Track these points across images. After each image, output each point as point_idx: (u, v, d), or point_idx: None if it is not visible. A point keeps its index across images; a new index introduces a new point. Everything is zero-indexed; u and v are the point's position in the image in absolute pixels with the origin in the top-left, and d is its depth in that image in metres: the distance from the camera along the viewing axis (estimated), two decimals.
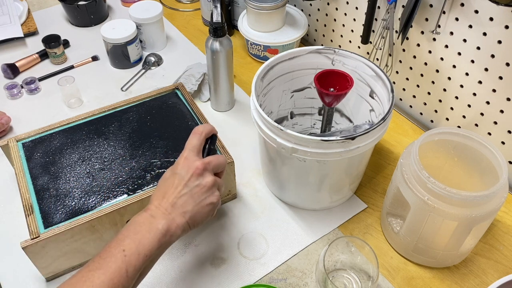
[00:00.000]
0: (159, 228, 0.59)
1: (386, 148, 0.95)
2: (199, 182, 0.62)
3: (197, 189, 0.62)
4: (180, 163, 0.64)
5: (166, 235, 0.59)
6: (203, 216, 0.63)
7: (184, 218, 0.61)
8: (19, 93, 1.06)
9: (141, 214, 0.61)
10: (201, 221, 0.63)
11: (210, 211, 0.64)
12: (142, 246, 0.57)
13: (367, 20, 0.95)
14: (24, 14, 1.27)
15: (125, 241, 0.57)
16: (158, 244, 0.58)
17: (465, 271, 0.75)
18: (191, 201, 0.62)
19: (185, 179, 0.62)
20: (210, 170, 0.64)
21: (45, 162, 0.78)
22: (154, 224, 0.59)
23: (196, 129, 0.67)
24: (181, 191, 0.62)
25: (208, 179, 0.63)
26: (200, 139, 0.66)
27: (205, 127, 0.68)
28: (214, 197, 0.64)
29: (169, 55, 1.18)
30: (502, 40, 0.76)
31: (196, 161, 0.63)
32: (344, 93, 0.74)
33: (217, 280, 0.74)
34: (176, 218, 0.60)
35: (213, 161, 0.65)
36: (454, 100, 0.91)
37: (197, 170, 0.62)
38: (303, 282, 0.74)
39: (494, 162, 0.68)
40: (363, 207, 0.84)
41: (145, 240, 0.57)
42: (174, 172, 0.64)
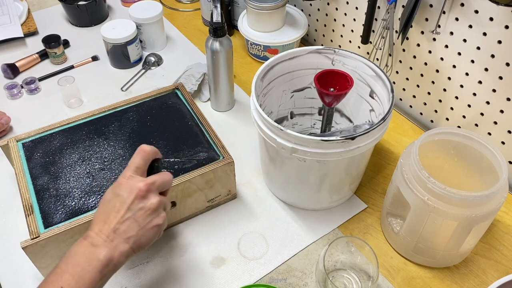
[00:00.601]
0: (101, 259, 0.55)
1: (386, 148, 0.95)
2: (143, 205, 0.59)
3: (141, 213, 0.59)
4: (123, 184, 0.60)
5: (108, 265, 0.56)
6: (148, 239, 0.60)
7: (128, 244, 0.58)
8: (19, 93, 1.06)
9: (81, 242, 0.57)
10: (146, 244, 0.60)
11: (155, 233, 0.61)
12: (82, 281, 0.53)
13: (367, 20, 0.95)
14: (24, 14, 1.27)
15: (64, 276, 0.54)
16: (100, 275, 0.55)
17: (465, 271, 0.75)
18: (135, 226, 0.58)
19: (128, 202, 0.58)
20: (154, 191, 0.61)
21: (45, 162, 0.78)
22: (95, 254, 0.56)
23: (142, 148, 0.63)
24: (124, 215, 0.58)
25: (152, 201, 0.60)
26: (146, 159, 0.62)
27: (152, 148, 0.64)
28: (159, 219, 0.61)
29: (169, 55, 1.18)
30: (502, 40, 0.76)
31: (139, 182, 0.59)
32: (344, 93, 0.74)
33: (217, 280, 0.74)
34: (119, 245, 0.57)
35: (157, 180, 0.61)
36: (454, 100, 0.91)
37: (140, 192, 0.59)
38: (303, 282, 0.74)
39: (494, 162, 0.68)
40: (363, 207, 0.84)
41: (85, 273, 0.54)
42: (115, 193, 0.60)
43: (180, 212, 0.80)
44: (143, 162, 0.62)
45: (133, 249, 0.59)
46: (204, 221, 0.82)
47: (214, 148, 0.80)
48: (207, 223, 0.82)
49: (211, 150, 0.80)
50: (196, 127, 0.84)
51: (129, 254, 0.59)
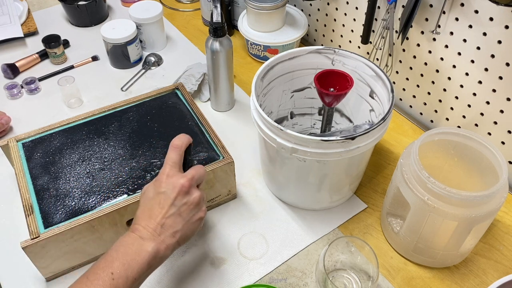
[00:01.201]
0: (149, 251, 0.58)
1: (386, 148, 0.95)
2: (187, 200, 0.61)
3: (185, 207, 0.61)
4: (164, 181, 0.62)
5: (156, 257, 0.58)
6: (192, 231, 0.63)
7: (174, 238, 0.60)
8: (19, 93, 1.06)
9: (129, 234, 0.59)
10: (191, 236, 0.63)
11: (198, 225, 0.64)
12: (131, 270, 0.56)
13: (367, 20, 0.95)
14: (24, 14, 1.27)
15: (114, 263, 0.56)
16: (147, 266, 0.57)
17: (465, 271, 0.75)
18: (180, 220, 0.61)
19: (171, 198, 0.61)
20: (194, 185, 0.63)
21: (45, 162, 0.78)
22: (143, 246, 0.58)
23: (174, 143, 0.65)
24: (168, 211, 0.60)
25: (195, 195, 0.62)
26: (180, 153, 0.64)
27: (182, 139, 0.66)
28: (202, 212, 0.64)
29: (169, 55, 1.18)
30: (502, 40, 0.76)
31: (180, 178, 0.62)
32: (344, 93, 0.74)
33: (217, 280, 0.74)
34: (166, 240, 0.60)
35: (195, 175, 0.63)
36: (454, 100, 0.91)
37: (183, 188, 0.61)
38: (303, 282, 0.74)
39: (494, 162, 0.68)
40: (363, 207, 0.84)
41: (134, 263, 0.56)
42: (158, 191, 0.62)
43: None
44: (179, 157, 0.64)
45: (179, 242, 0.61)
46: (204, 221, 0.82)
47: (214, 148, 0.80)
48: (207, 223, 0.82)
49: (211, 150, 0.80)
50: (196, 127, 0.84)
51: (175, 247, 0.61)
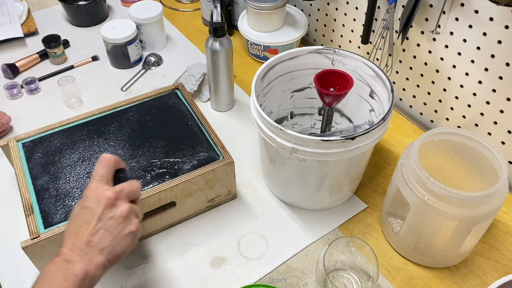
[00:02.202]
0: (77, 274, 0.53)
1: (386, 148, 0.95)
2: (113, 213, 0.57)
3: (112, 221, 0.57)
4: (89, 195, 0.58)
5: (85, 279, 0.54)
6: (123, 248, 0.58)
7: (102, 255, 0.56)
8: (19, 93, 1.06)
9: (54, 260, 0.55)
10: (122, 253, 0.58)
11: (130, 240, 0.59)
12: None
13: (367, 20, 0.95)
14: (24, 14, 1.27)
15: None
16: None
17: (465, 271, 0.75)
18: (108, 236, 0.56)
19: (97, 213, 0.57)
20: (123, 198, 0.59)
21: (45, 162, 0.78)
22: (70, 270, 0.53)
23: (102, 157, 0.61)
24: (95, 226, 0.56)
25: (123, 208, 0.58)
26: (108, 167, 0.61)
27: (114, 156, 0.62)
28: (132, 226, 0.59)
29: (169, 55, 1.18)
30: (502, 40, 0.76)
31: (106, 190, 0.58)
32: (344, 93, 0.74)
33: (217, 280, 0.74)
34: (94, 258, 0.55)
35: (125, 188, 0.59)
36: (454, 100, 0.91)
37: (109, 200, 0.57)
38: (303, 282, 0.74)
39: (494, 162, 0.68)
40: (363, 207, 0.84)
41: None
42: (83, 206, 0.58)
43: (180, 212, 0.80)
44: (106, 170, 0.60)
45: (109, 260, 0.57)
46: (204, 221, 0.82)
47: (214, 148, 0.80)
48: (207, 223, 0.82)
49: (211, 150, 0.80)
50: (196, 127, 0.84)
51: (106, 265, 0.56)
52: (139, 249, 0.78)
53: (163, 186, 0.74)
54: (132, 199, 0.61)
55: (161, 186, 0.74)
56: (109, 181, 0.61)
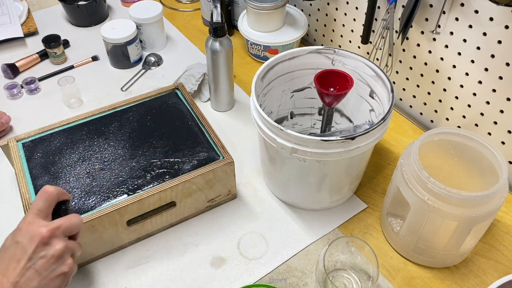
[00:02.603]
0: None
1: (386, 148, 0.95)
2: (45, 253, 0.55)
3: (42, 261, 0.54)
4: (23, 229, 0.56)
5: None
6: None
7: None
8: (19, 93, 1.06)
9: None
10: None
11: (61, 282, 0.57)
12: None
13: (367, 20, 0.95)
14: (24, 14, 1.27)
15: None
16: None
17: (465, 271, 0.75)
18: (37, 277, 0.54)
19: (29, 252, 0.54)
20: (59, 236, 0.56)
21: (45, 162, 0.78)
22: None
23: (44, 189, 0.58)
24: (25, 266, 0.54)
25: (56, 247, 0.55)
26: (49, 200, 0.58)
27: (57, 188, 0.59)
28: (65, 267, 0.56)
29: (169, 55, 1.18)
30: (502, 40, 0.76)
31: (40, 227, 0.55)
32: (344, 93, 0.74)
33: (217, 280, 0.74)
34: None
35: (63, 224, 0.57)
36: (454, 100, 0.91)
37: (42, 239, 0.55)
38: (303, 282, 0.74)
39: (494, 162, 0.68)
40: (363, 207, 0.84)
41: None
42: (15, 240, 0.55)
43: (180, 212, 0.80)
44: (46, 204, 0.58)
45: None
46: (204, 221, 0.82)
47: (214, 148, 0.80)
48: (207, 223, 0.82)
49: (211, 150, 0.80)
50: (196, 127, 0.84)
51: None
52: (139, 249, 0.78)
53: (163, 186, 0.74)
54: (70, 234, 0.59)
55: (161, 186, 0.74)
56: (47, 215, 0.58)
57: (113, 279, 0.74)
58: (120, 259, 0.77)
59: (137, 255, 0.77)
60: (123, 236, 0.76)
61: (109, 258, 0.77)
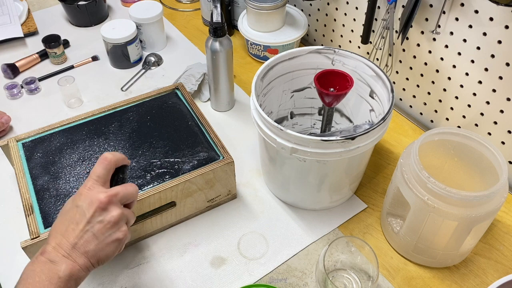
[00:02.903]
0: (61, 276, 0.53)
1: (386, 148, 0.95)
2: (103, 217, 0.57)
3: (100, 226, 0.56)
4: (83, 194, 0.58)
5: (70, 280, 0.54)
6: (108, 254, 0.58)
7: (86, 258, 0.56)
8: (19, 93, 1.06)
9: (38, 259, 0.55)
10: (106, 259, 0.58)
11: (116, 248, 0.58)
12: None
13: (367, 20, 0.95)
14: (24, 14, 1.27)
15: None
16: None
17: (465, 271, 0.75)
18: (94, 240, 0.56)
19: (87, 215, 0.56)
20: (116, 203, 0.58)
21: (45, 162, 0.78)
22: (54, 271, 0.53)
23: (103, 156, 0.60)
24: (83, 228, 0.56)
25: (113, 213, 0.57)
26: (108, 168, 0.59)
27: (115, 155, 0.61)
28: (120, 233, 0.58)
29: (169, 55, 1.18)
30: (502, 40, 0.76)
31: (100, 193, 0.57)
32: (344, 93, 0.74)
33: (217, 280, 0.74)
34: (77, 260, 0.55)
35: (120, 192, 0.59)
36: (454, 100, 0.91)
37: (101, 204, 0.57)
38: (303, 282, 0.74)
39: (494, 162, 0.68)
40: (363, 207, 0.84)
41: None
42: (75, 204, 0.57)
43: (180, 212, 0.80)
44: (105, 171, 0.59)
45: (92, 263, 0.57)
46: (204, 221, 0.82)
47: (214, 148, 0.80)
48: (207, 223, 0.82)
49: (211, 150, 0.80)
50: (196, 127, 0.84)
51: (89, 267, 0.56)
52: (139, 249, 0.78)
53: (163, 186, 0.74)
54: (126, 203, 0.61)
55: (161, 186, 0.74)
56: (106, 181, 0.60)
57: (113, 279, 0.74)
58: (120, 259, 0.77)
59: (137, 255, 0.77)
60: None
61: None
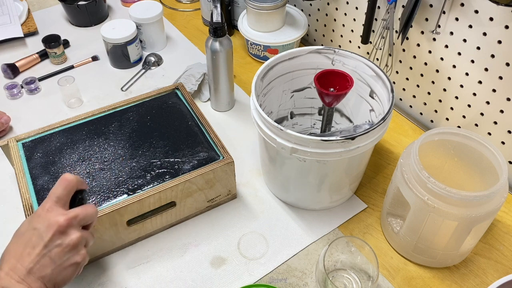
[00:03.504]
0: None
1: (386, 148, 0.95)
2: (61, 241, 0.55)
3: (58, 250, 0.55)
4: (41, 216, 0.56)
5: None
6: (65, 278, 0.56)
7: (42, 283, 0.54)
8: (19, 93, 1.06)
9: None
10: (63, 283, 0.56)
11: (74, 271, 0.57)
12: None
13: (367, 20, 0.95)
14: (24, 14, 1.27)
15: None
16: None
17: (465, 271, 0.75)
18: (51, 264, 0.55)
19: (45, 239, 0.54)
20: (75, 226, 0.57)
21: (45, 162, 0.78)
22: None
23: (64, 177, 0.58)
24: (40, 252, 0.54)
25: (72, 237, 0.56)
26: (68, 189, 0.58)
27: (76, 177, 0.59)
28: (79, 256, 0.57)
29: (169, 55, 1.18)
30: (502, 40, 0.76)
31: (59, 215, 0.55)
32: (344, 93, 0.74)
33: (217, 280, 0.74)
34: (32, 285, 0.53)
35: (80, 214, 0.57)
36: (454, 100, 0.91)
37: (60, 227, 0.55)
38: (303, 282, 0.74)
39: (494, 162, 0.68)
40: (363, 207, 0.84)
41: None
42: (32, 226, 0.56)
43: (180, 212, 0.80)
44: (65, 192, 0.58)
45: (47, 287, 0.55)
46: (204, 221, 0.82)
47: (214, 148, 0.80)
48: (207, 223, 0.82)
49: (211, 150, 0.80)
50: (196, 127, 0.84)
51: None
52: (139, 249, 0.78)
53: (163, 186, 0.74)
54: (85, 224, 0.59)
55: (161, 186, 0.74)
56: (66, 203, 0.58)
57: (113, 279, 0.74)
58: (120, 259, 0.77)
59: (137, 255, 0.77)
60: (123, 236, 0.76)
61: (109, 258, 0.77)
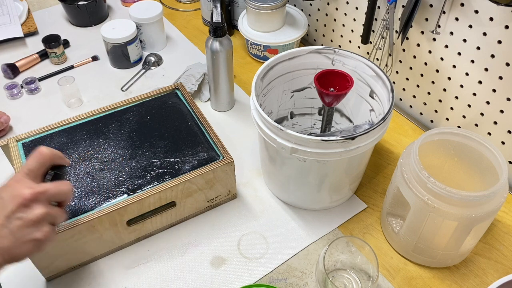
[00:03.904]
0: None
1: (386, 148, 0.95)
2: (23, 215, 0.53)
3: (18, 223, 0.53)
4: (9, 186, 0.54)
5: None
6: (23, 253, 0.54)
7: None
8: (19, 93, 1.06)
9: None
10: (21, 257, 0.54)
11: (33, 247, 0.54)
12: None
13: (367, 20, 0.95)
14: (24, 14, 1.27)
15: None
16: None
17: (465, 271, 0.75)
18: (9, 236, 0.53)
19: (7, 210, 0.53)
20: (42, 201, 0.54)
21: None
22: None
23: (38, 150, 0.56)
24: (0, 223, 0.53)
25: (35, 212, 0.53)
26: (41, 162, 0.56)
27: (52, 151, 0.57)
28: (39, 233, 0.54)
29: (169, 55, 1.18)
30: (502, 40, 0.76)
31: (25, 188, 0.53)
32: (344, 93, 0.74)
33: (217, 280, 0.74)
34: None
35: (50, 190, 0.55)
36: (454, 100, 0.91)
37: (24, 200, 0.53)
38: (303, 282, 0.74)
39: (494, 162, 0.68)
40: (363, 207, 0.84)
41: None
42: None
43: (180, 212, 0.80)
44: (38, 165, 0.56)
45: (5, 260, 0.53)
46: (204, 221, 0.82)
47: (214, 148, 0.80)
48: (207, 223, 0.82)
49: (211, 150, 0.80)
50: (196, 127, 0.84)
51: (1, 264, 0.53)
52: (139, 249, 0.78)
53: (163, 186, 0.74)
54: (56, 201, 0.58)
55: (161, 186, 0.74)
56: (37, 176, 0.56)
57: (113, 279, 0.74)
58: (120, 259, 0.77)
59: (137, 255, 0.77)
60: (123, 236, 0.76)
61: (109, 258, 0.77)
